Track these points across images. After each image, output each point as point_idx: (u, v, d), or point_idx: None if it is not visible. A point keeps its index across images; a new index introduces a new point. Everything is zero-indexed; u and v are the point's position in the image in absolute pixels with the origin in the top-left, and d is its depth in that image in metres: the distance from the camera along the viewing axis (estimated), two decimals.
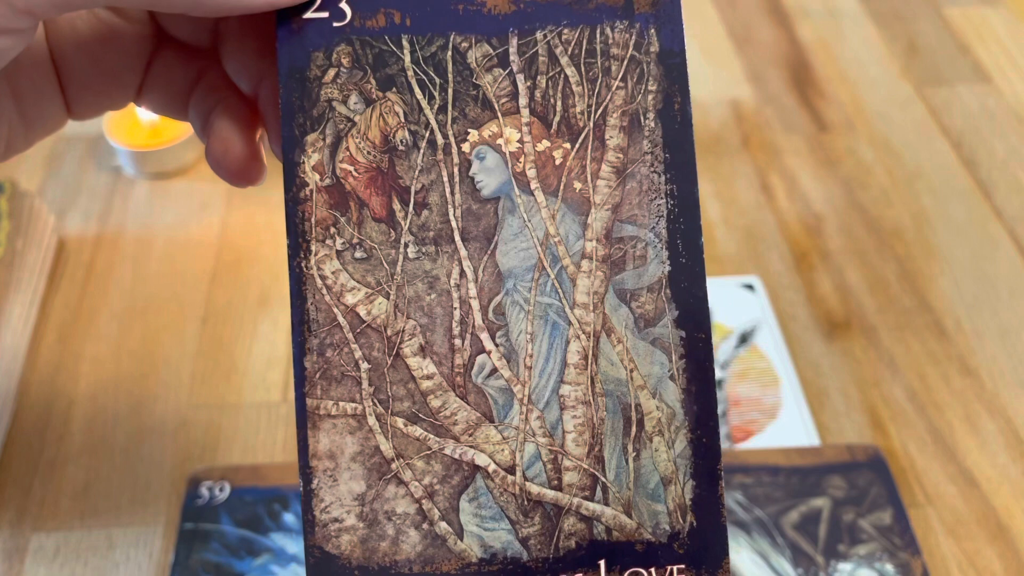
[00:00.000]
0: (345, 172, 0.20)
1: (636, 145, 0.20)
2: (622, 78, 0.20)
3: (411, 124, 0.20)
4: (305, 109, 0.20)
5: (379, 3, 0.20)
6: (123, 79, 0.24)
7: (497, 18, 0.20)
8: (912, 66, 0.56)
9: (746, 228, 0.46)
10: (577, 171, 0.20)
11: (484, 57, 0.20)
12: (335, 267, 0.20)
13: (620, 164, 0.20)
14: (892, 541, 0.33)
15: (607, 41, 0.20)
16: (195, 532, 0.33)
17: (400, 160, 0.20)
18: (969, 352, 0.40)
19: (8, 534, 0.34)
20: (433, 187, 0.20)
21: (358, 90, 0.20)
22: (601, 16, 0.20)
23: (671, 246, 0.20)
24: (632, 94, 0.20)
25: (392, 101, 0.20)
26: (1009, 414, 0.38)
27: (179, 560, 0.32)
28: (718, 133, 0.51)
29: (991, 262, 0.44)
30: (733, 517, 0.34)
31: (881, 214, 0.47)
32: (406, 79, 0.20)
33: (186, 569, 0.32)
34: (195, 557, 0.32)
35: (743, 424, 0.37)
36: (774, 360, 0.39)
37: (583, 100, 0.20)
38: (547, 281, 0.20)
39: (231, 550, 0.32)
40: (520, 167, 0.20)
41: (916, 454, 0.37)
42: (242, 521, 0.33)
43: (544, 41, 0.20)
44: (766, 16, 0.60)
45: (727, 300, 0.42)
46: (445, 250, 0.20)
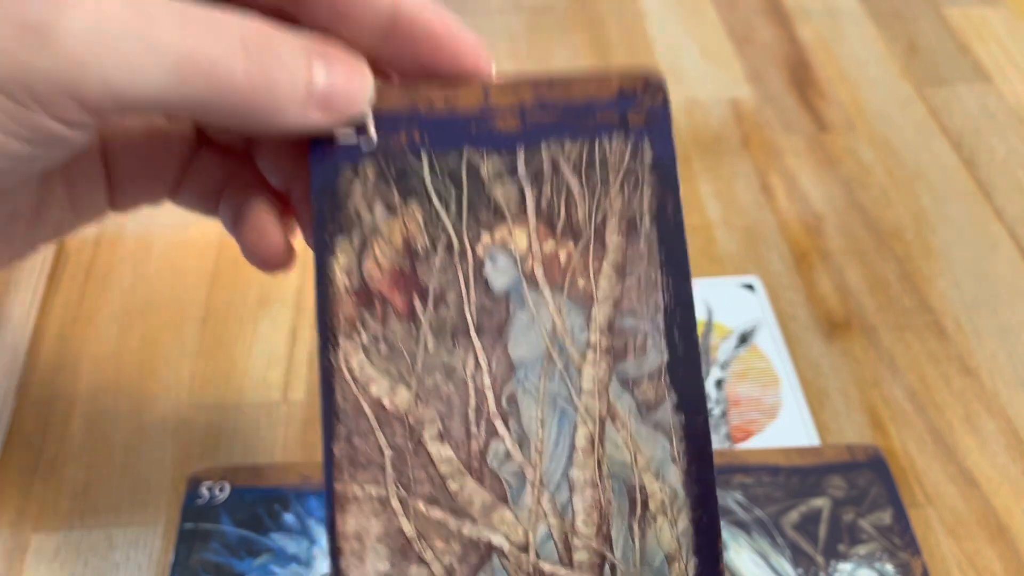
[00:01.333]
0: (371, 274, 0.22)
1: (634, 245, 0.22)
2: (619, 186, 0.22)
3: (430, 230, 0.22)
4: (335, 218, 0.22)
5: (401, 124, 0.22)
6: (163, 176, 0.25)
7: (506, 135, 0.22)
8: (912, 66, 0.56)
9: (746, 228, 0.46)
10: (580, 269, 0.22)
11: (495, 169, 0.22)
12: (361, 360, 0.22)
13: (620, 263, 0.22)
14: (892, 541, 0.33)
15: (605, 153, 0.23)
16: (195, 532, 0.33)
17: (420, 263, 0.22)
18: (969, 352, 0.40)
19: (8, 534, 0.34)
20: (450, 286, 0.22)
21: (382, 201, 0.22)
22: (599, 131, 0.22)
23: (668, 337, 0.22)
24: (629, 200, 0.22)
25: (413, 210, 0.22)
26: (1009, 414, 0.38)
27: (179, 560, 0.32)
28: (718, 133, 0.51)
29: (991, 262, 0.44)
30: (733, 517, 0.34)
31: (881, 214, 0.47)
32: (425, 190, 0.22)
33: (186, 569, 0.32)
34: (195, 557, 0.32)
35: (743, 424, 0.37)
36: (774, 360, 0.39)
37: (584, 206, 0.22)
38: (555, 370, 0.22)
39: (231, 550, 0.32)
40: (528, 267, 0.22)
41: (916, 454, 0.37)
42: (242, 521, 0.33)
43: (548, 154, 0.22)
44: (766, 16, 0.60)
45: (727, 300, 0.42)
46: (461, 343, 0.22)
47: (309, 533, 0.33)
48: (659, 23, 0.59)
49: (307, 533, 0.33)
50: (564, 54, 0.57)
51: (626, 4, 0.61)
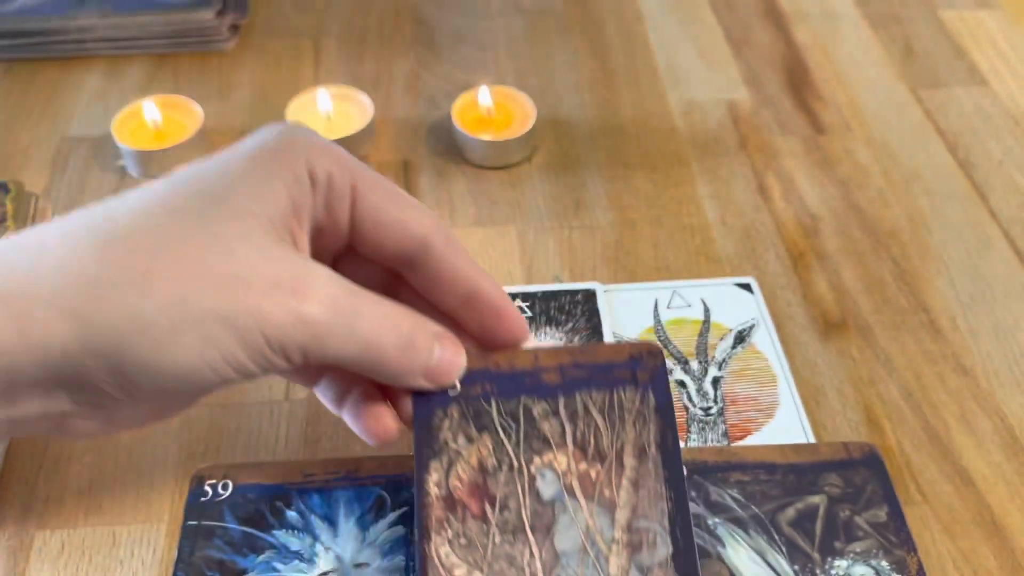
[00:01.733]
0: (455, 486, 0.30)
1: (644, 466, 0.30)
2: (632, 423, 0.31)
3: (497, 455, 0.30)
4: (430, 445, 0.30)
5: (477, 379, 0.31)
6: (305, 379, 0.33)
7: (550, 386, 0.31)
8: (908, 68, 0.56)
9: (743, 228, 0.46)
10: (606, 483, 0.30)
11: (543, 411, 0.31)
12: (447, 550, 0.29)
13: (634, 479, 0.30)
14: (888, 538, 0.33)
15: (621, 400, 0.31)
16: (198, 529, 0.33)
17: (490, 478, 0.30)
18: (964, 351, 0.41)
19: (13, 531, 0.34)
20: (511, 495, 0.30)
21: (464, 433, 0.30)
22: (617, 384, 0.31)
23: (672, 534, 0.29)
24: (639, 433, 0.31)
25: (485, 440, 0.30)
26: (1004, 412, 0.38)
27: (182, 557, 0.32)
28: (716, 134, 0.52)
29: (987, 262, 0.45)
30: (730, 514, 0.34)
31: (877, 215, 0.47)
32: (494, 426, 0.31)
33: (190, 566, 0.32)
34: (198, 553, 0.32)
35: (740, 422, 0.37)
36: (771, 359, 0.40)
37: (607, 437, 0.30)
38: (589, 560, 0.29)
39: (234, 546, 0.33)
40: (568, 481, 0.30)
41: (912, 452, 0.37)
42: (245, 518, 0.33)
43: (581, 400, 0.31)
44: (763, 19, 0.60)
45: (724, 300, 0.42)
46: (520, 538, 0.29)
47: (312, 530, 0.33)
48: (658, 26, 0.60)
49: (310, 530, 0.33)
50: (564, 56, 0.57)
51: (625, 7, 0.61)
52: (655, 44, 0.58)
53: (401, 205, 0.29)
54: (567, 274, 0.44)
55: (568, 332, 0.41)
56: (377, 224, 0.29)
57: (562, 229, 0.46)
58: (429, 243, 0.29)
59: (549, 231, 0.46)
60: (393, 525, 0.33)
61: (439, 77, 0.55)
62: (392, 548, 0.33)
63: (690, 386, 0.39)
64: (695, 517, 0.34)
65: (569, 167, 0.50)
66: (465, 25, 0.60)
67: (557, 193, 0.48)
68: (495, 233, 0.46)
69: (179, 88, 0.54)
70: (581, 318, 0.41)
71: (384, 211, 0.29)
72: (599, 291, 0.42)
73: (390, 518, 0.33)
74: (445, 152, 0.50)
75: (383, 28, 0.59)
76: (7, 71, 0.55)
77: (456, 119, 0.49)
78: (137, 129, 0.49)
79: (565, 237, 0.46)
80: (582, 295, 0.42)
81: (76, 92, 0.54)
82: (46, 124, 0.52)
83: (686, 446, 0.37)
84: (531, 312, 0.41)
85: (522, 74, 0.56)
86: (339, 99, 0.51)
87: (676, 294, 0.42)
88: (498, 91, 0.51)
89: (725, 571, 0.32)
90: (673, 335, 0.41)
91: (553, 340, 0.40)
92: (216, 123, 0.51)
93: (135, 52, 0.56)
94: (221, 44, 0.57)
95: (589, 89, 0.55)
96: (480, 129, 0.49)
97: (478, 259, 0.44)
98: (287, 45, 0.58)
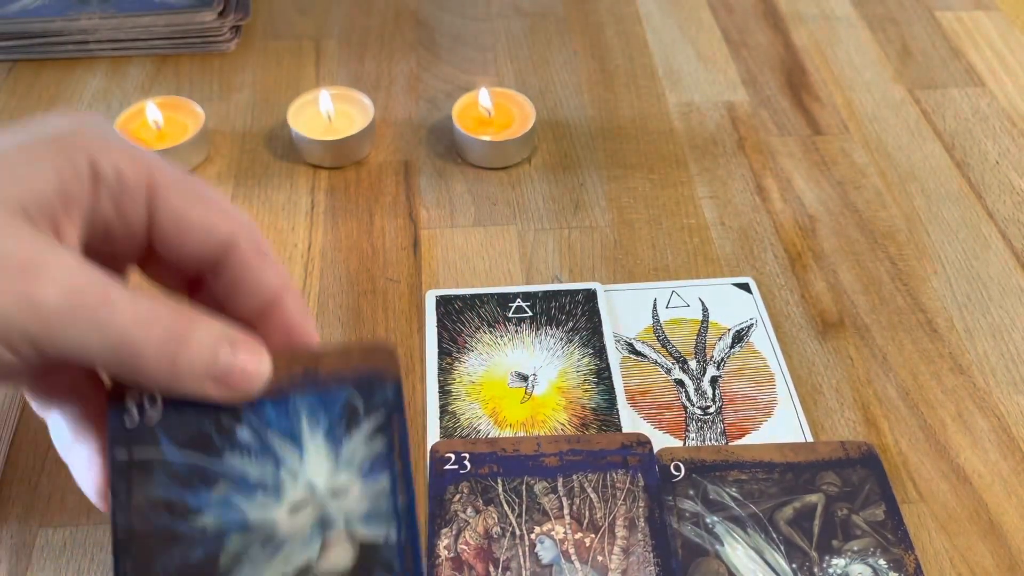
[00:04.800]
0: (463, 550, 0.33)
1: (633, 536, 0.34)
2: (623, 500, 0.35)
3: (501, 524, 0.34)
4: (442, 515, 0.34)
5: (485, 461, 0.36)
6: None
7: (551, 468, 0.36)
8: (905, 69, 0.56)
9: (741, 229, 0.46)
10: (599, 550, 0.33)
11: (543, 488, 0.35)
12: None
13: (625, 547, 0.34)
14: (885, 537, 0.34)
15: (613, 480, 0.35)
16: (130, 463, 0.26)
17: (494, 543, 0.34)
18: (961, 351, 0.41)
19: (15, 529, 0.34)
20: (513, 559, 0.33)
21: (472, 506, 0.35)
22: (609, 467, 0.36)
23: None
24: (629, 509, 0.34)
25: (491, 511, 0.34)
26: (1000, 411, 0.39)
27: (119, 501, 0.25)
28: (714, 135, 0.52)
29: (983, 262, 0.45)
30: (728, 513, 0.34)
31: (874, 215, 0.47)
32: (499, 499, 0.35)
33: (130, 511, 0.25)
34: (138, 495, 0.25)
35: (738, 421, 0.38)
36: (769, 358, 0.40)
37: (601, 511, 0.34)
38: None
39: (180, 480, 0.26)
40: (565, 548, 0.34)
41: (909, 451, 0.37)
42: (186, 442, 0.26)
43: (577, 480, 0.35)
44: (761, 20, 0.60)
45: (723, 299, 0.42)
46: None
47: (272, 451, 0.26)
48: (656, 27, 0.60)
49: (269, 451, 0.26)
50: (563, 57, 0.57)
51: (624, 9, 0.61)
52: (654, 46, 0.58)
53: (207, 206, 0.27)
54: (566, 274, 0.44)
55: (569, 332, 0.41)
56: (179, 226, 0.26)
57: (561, 229, 0.46)
58: (233, 246, 0.27)
59: (548, 231, 0.46)
60: (371, 438, 0.27)
61: (439, 78, 0.56)
62: (373, 467, 0.26)
63: (688, 385, 0.39)
64: (693, 515, 0.34)
65: (568, 168, 0.50)
66: (465, 27, 0.60)
67: (556, 193, 0.48)
68: (495, 233, 0.46)
69: (181, 89, 0.54)
70: (582, 318, 0.41)
71: (186, 213, 0.26)
72: (600, 291, 0.42)
73: (365, 428, 0.27)
74: (445, 153, 0.50)
75: (384, 30, 0.59)
76: (10, 72, 0.56)
77: (456, 120, 0.49)
78: (139, 130, 0.49)
79: (564, 237, 0.46)
80: (583, 295, 0.42)
81: (78, 93, 0.54)
82: None
83: (685, 445, 0.37)
84: (532, 312, 0.41)
85: (522, 75, 0.56)
86: (340, 100, 0.51)
87: (675, 294, 0.43)
88: (498, 92, 0.51)
89: (723, 569, 0.33)
90: (672, 334, 0.41)
91: (555, 340, 0.40)
92: (218, 124, 0.52)
93: (137, 53, 0.56)
94: (222, 45, 0.57)
95: (588, 90, 0.55)
96: (480, 130, 0.49)
97: (478, 259, 0.45)
98: (288, 46, 0.58)
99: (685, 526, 0.34)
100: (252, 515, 0.25)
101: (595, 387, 0.39)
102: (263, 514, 0.25)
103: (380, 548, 0.26)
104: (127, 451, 0.26)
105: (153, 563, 0.25)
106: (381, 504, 0.26)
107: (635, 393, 0.39)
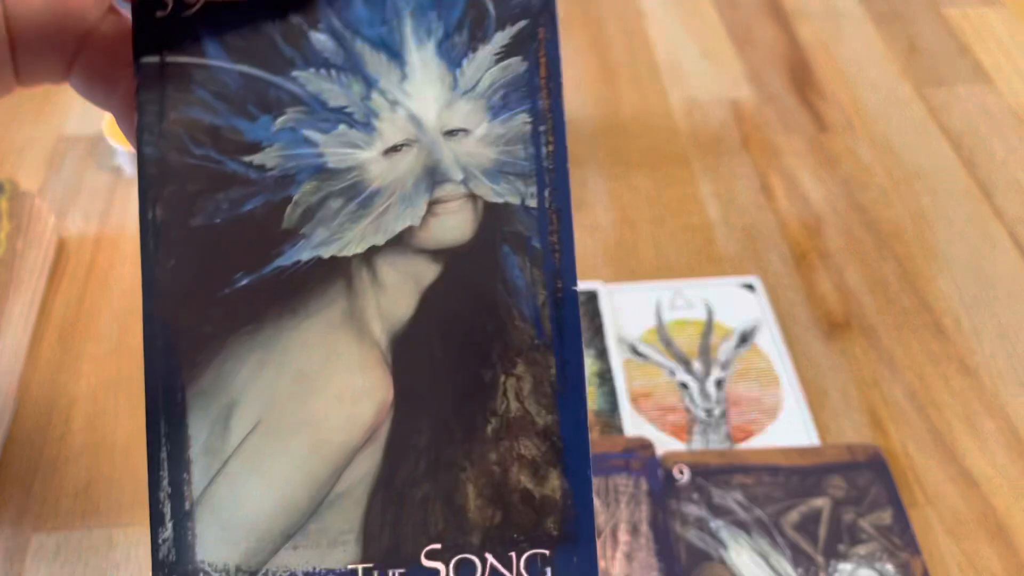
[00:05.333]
0: None
1: (636, 541, 0.33)
2: (626, 505, 0.34)
3: None
4: None
5: None
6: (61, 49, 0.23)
7: None
8: (912, 66, 0.56)
9: (746, 228, 0.46)
10: (601, 556, 0.32)
11: None
12: None
13: (628, 552, 0.33)
14: (892, 541, 0.33)
15: (616, 484, 0.35)
16: (164, 70, 0.19)
17: None
18: (968, 352, 0.40)
19: (9, 533, 0.34)
20: None
21: None
22: (612, 471, 0.35)
23: None
24: (632, 513, 0.34)
25: None
26: (1008, 414, 0.38)
27: (147, 123, 0.19)
28: (718, 133, 0.51)
29: (990, 262, 0.44)
30: (733, 517, 0.34)
31: (880, 214, 0.47)
32: None
33: (162, 137, 0.19)
34: (173, 115, 0.19)
35: (743, 424, 0.37)
36: (774, 360, 0.39)
37: (603, 516, 0.34)
38: None
39: (229, 101, 0.19)
40: None
41: (916, 454, 0.37)
42: (240, 48, 0.18)
43: None
44: (766, 17, 0.60)
45: (727, 300, 0.42)
46: None
47: (360, 66, 0.19)
48: (659, 23, 0.59)
49: (357, 66, 0.19)
50: (564, 53, 0.57)
51: (626, 4, 0.61)
52: (656, 42, 0.58)
53: None
54: None
55: None
56: None
57: None
58: None
59: None
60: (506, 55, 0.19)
61: None
62: (508, 98, 0.19)
63: (692, 387, 0.39)
64: (697, 520, 0.34)
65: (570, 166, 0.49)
66: None
67: None
68: None
69: None
70: (583, 318, 0.41)
71: None
72: (601, 291, 0.42)
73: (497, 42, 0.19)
74: None
75: None
76: None
77: None
78: None
79: None
80: (584, 295, 0.42)
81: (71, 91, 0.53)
82: (41, 123, 0.51)
83: (689, 448, 0.36)
84: None
85: None
86: None
87: (678, 294, 0.42)
88: None
89: (727, 574, 0.32)
90: (675, 336, 0.40)
91: None
92: None
93: None
94: None
95: (590, 87, 0.54)
96: None
97: None
98: None
99: (689, 531, 0.33)
100: (331, 156, 0.18)
101: (597, 389, 0.38)
102: (347, 155, 0.18)
103: (513, 214, 0.18)
104: (158, 50, 0.19)
105: (193, 210, 0.18)
106: (517, 152, 0.19)
107: (638, 395, 0.38)
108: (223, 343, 0.18)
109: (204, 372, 0.18)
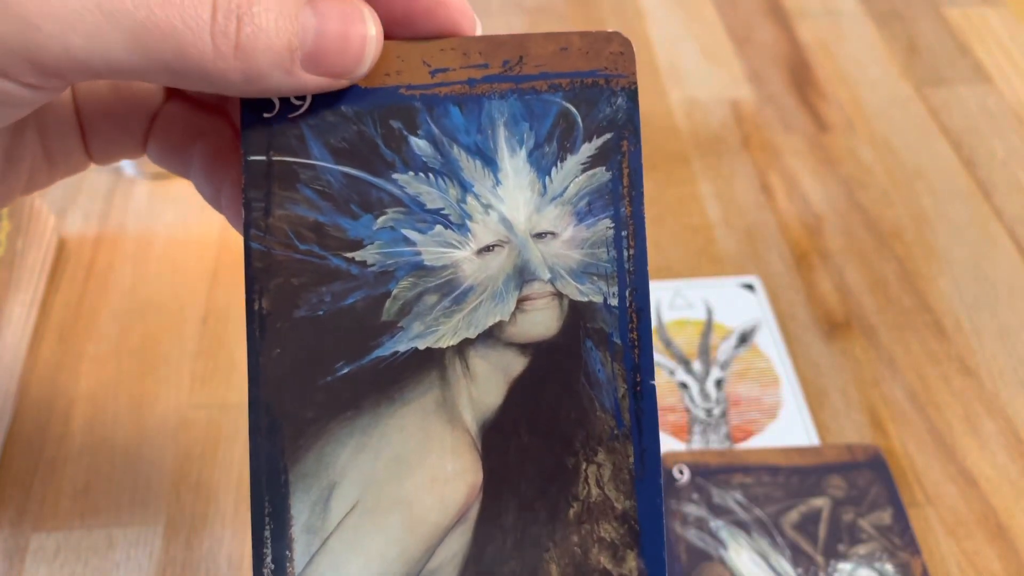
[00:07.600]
0: None
1: None
2: None
3: None
4: None
5: None
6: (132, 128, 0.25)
7: None
8: (912, 66, 0.56)
9: (746, 228, 0.46)
10: None
11: None
12: None
13: None
14: (892, 541, 0.33)
15: None
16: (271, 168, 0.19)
17: None
18: (969, 352, 0.40)
19: (8, 533, 0.34)
20: None
21: None
22: None
23: None
24: None
25: None
26: (1009, 414, 0.38)
27: (254, 217, 0.19)
28: (718, 133, 0.51)
29: (991, 262, 0.44)
30: (733, 517, 0.34)
31: (881, 214, 0.47)
32: None
33: (268, 232, 0.19)
34: (279, 212, 0.19)
35: (743, 424, 0.37)
36: (774, 360, 0.39)
37: None
38: None
39: (333, 200, 0.19)
40: None
41: (916, 454, 0.37)
42: (342, 150, 0.20)
43: None
44: (766, 16, 0.60)
45: (727, 300, 0.42)
46: None
47: (457, 171, 0.20)
48: (659, 23, 0.59)
49: (454, 171, 0.20)
50: None
51: (626, 4, 0.61)
52: (656, 42, 0.58)
53: None
54: None
55: None
56: None
57: None
58: None
59: None
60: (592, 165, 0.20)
61: None
62: (593, 204, 0.20)
63: (692, 387, 0.39)
64: (697, 520, 0.34)
65: None
66: None
67: None
68: None
69: None
70: None
71: None
72: None
73: (584, 152, 0.20)
74: None
75: None
76: None
77: None
78: None
79: None
80: None
81: None
82: None
83: (688, 448, 0.36)
84: None
85: None
86: None
87: (678, 294, 0.42)
88: None
89: (727, 574, 0.32)
90: (675, 336, 0.40)
91: None
92: None
93: None
94: None
95: None
96: None
97: None
98: None
99: (689, 531, 0.33)
100: (427, 254, 0.20)
101: None
102: (443, 254, 0.20)
103: (596, 312, 0.20)
104: (265, 149, 0.20)
105: (297, 302, 0.19)
106: (601, 254, 0.20)
107: None
108: (324, 428, 0.20)
109: (306, 455, 0.19)
